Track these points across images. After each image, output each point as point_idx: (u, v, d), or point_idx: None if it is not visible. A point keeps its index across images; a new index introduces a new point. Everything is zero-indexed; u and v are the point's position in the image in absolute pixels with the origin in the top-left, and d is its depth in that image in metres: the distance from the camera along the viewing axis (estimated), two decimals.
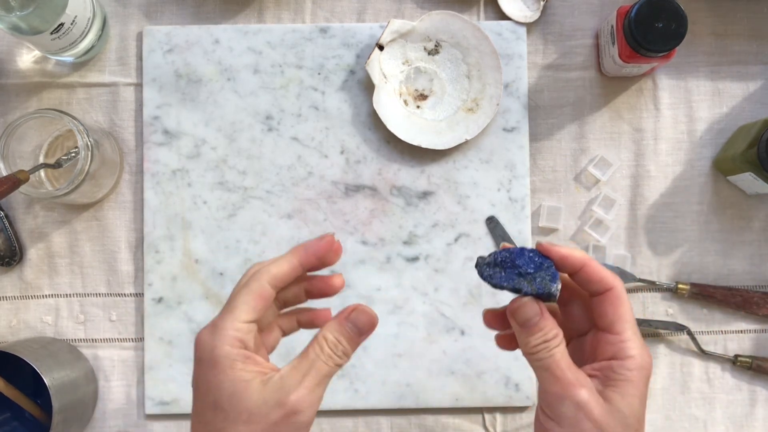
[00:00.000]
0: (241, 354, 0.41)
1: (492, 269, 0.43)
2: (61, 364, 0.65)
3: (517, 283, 0.42)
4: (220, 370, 0.41)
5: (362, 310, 0.43)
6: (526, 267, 0.42)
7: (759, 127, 0.63)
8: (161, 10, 0.71)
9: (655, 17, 0.61)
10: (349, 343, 0.43)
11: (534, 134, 0.70)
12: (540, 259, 0.43)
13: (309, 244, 0.45)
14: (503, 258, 0.43)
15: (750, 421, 0.68)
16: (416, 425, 0.68)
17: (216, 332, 0.42)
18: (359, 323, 0.43)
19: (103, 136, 0.67)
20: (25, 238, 0.70)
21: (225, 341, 0.41)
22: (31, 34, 0.62)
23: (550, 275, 0.42)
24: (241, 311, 0.42)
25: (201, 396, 0.42)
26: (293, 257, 0.44)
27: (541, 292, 0.42)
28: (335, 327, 0.43)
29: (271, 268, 0.43)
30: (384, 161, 0.69)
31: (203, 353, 0.42)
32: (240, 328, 0.42)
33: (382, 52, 0.69)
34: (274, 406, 0.40)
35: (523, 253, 0.43)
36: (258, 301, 0.43)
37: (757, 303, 0.68)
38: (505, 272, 0.42)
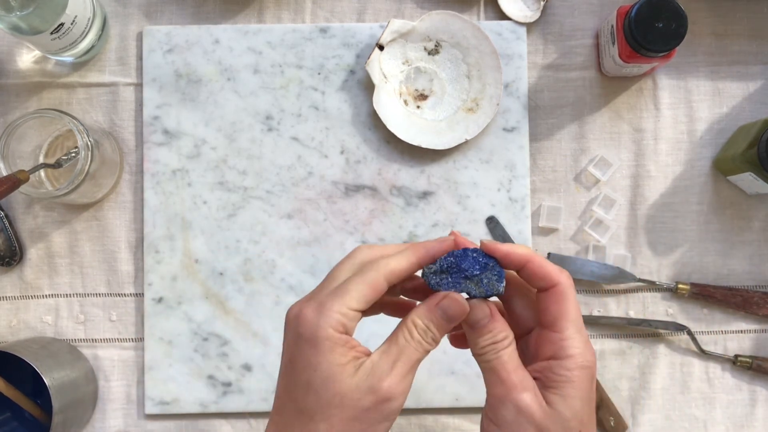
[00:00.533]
0: (342, 339, 0.41)
1: (439, 276, 0.43)
2: (61, 364, 0.65)
3: (465, 287, 0.42)
4: (320, 350, 0.40)
5: (453, 298, 0.42)
6: (472, 269, 0.42)
7: (759, 127, 0.63)
8: (161, 10, 0.71)
9: (655, 17, 0.61)
10: (439, 330, 0.42)
11: (534, 134, 0.70)
12: (485, 259, 0.43)
13: (430, 245, 0.44)
14: (449, 264, 0.43)
15: (750, 421, 0.68)
16: (416, 425, 0.68)
17: (323, 312, 0.41)
18: (450, 311, 0.42)
19: (103, 136, 0.67)
20: (25, 238, 0.70)
21: (330, 323, 0.40)
22: (31, 34, 0.62)
23: (496, 275, 0.43)
24: (353, 298, 0.41)
25: (295, 373, 0.41)
26: (413, 256, 0.43)
27: (489, 293, 0.43)
28: (425, 313, 0.42)
29: (391, 263, 0.43)
30: (384, 161, 0.69)
31: (306, 330, 0.41)
32: (347, 314, 0.41)
33: (382, 52, 0.69)
34: (367, 393, 0.40)
35: (467, 255, 0.43)
36: (372, 293, 0.42)
37: (757, 303, 0.68)
38: (452, 277, 0.43)
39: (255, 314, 0.68)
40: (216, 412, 0.68)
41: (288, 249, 0.69)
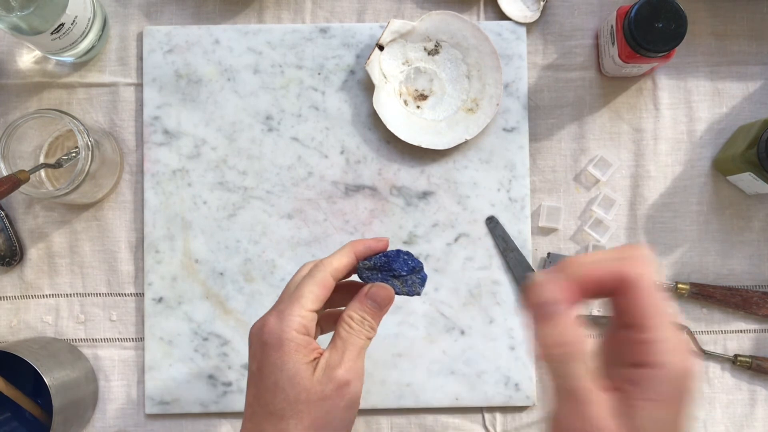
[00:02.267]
0: (304, 340, 0.45)
1: (370, 272, 0.49)
2: (62, 364, 0.65)
3: (392, 284, 0.48)
4: (285, 352, 0.45)
5: (379, 286, 0.48)
6: (400, 270, 0.48)
7: (759, 127, 0.63)
8: (161, 10, 0.71)
9: (655, 17, 0.61)
10: (373, 317, 0.47)
11: (534, 134, 0.70)
12: (413, 262, 0.48)
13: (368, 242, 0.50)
14: (382, 262, 0.48)
15: (750, 421, 0.68)
16: (416, 425, 0.68)
17: (283, 318, 0.45)
18: (378, 298, 0.47)
19: (103, 136, 0.67)
20: (26, 238, 0.70)
21: (292, 326, 0.45)
22: (31, 34, 0.62)
23: (419, 279, 0.49)
24: (307, 300, 0.46)
25: (263, 378, 0.45)
26: (351, 251, 0.49)
27: (411, 294, 0.48)
28: (357, 305, 0.47)
29: (334, 261, 0.48)
30: (384, 161, 0.69)
31: (270, 337, 0.45)
32: (305, 316, 0.46)
33: (382, 52, 0.69)
34: (326, 382, 0.44)
35: (399, 256, 0.48)
36: (322, 291, 0.47)
37: (756, 303, 0.68)
38: (381, 275, 0.48)
39: (255, 314, 0.68)
40: (216, 412, 0.68)
41: (288, 249, 0.69)
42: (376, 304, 0.47)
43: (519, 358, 0.68)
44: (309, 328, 0.46)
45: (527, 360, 0.68)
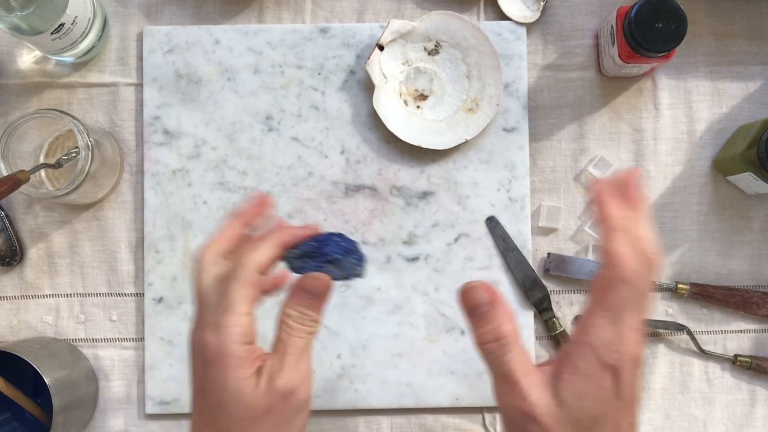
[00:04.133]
0: (246, 350, 0.42)
1: (301, 261, 0.44)
2: (62, 364, 0.65)
3: (327, 270, 0.44)
4: (226, 369, 0.41)
5: (312, 276, 0.44)
6: (334, 253, 0.44)
7: (759, 127, 0.63)
8: (161, 10, 0.71)
9: (655, 17, 0.61)
10: (313, 310, 0.43)
11: (534, 134, 0.70)
12: (347, 244, 0.44)
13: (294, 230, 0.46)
14: (311, 248, 0.44)
15: (750, 421, 0.68)
16: (416, 425, 0.68)
17: (220, 332, 0.41)
18: (313, 290, 0.43)
19: (103, 136, 0.67)
20: (26, 238, 0.70)
21: (231, 339, 0.41)
22: (31, 35, 0.62)
23: (356, 259, 0.44)
24: (240, 305, 0.42)
25: (207, 396, 0.42)
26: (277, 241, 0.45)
27: (350, 276, 0.44)
28: (293, 301, 0.43)
29: (258, 256, 0.44)
30: (384, 161, 0.69)
31: (210, 354, 0.42)
32: (243, 323, 0.42)
33: (382, 52, 0.69)
34: (269, 395, 0.41)
35: (330, 239, 0.44)
36: (252, 290, 0.43)
37: (756, 303, 0.68)
38: (314, 261, 0.44)
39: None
40: None
41: None
42: (312, 296, 0.43)
43: None
44: (249, 334, 0.42)
45: None
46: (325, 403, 0.68)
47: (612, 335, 0.38)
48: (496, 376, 0.40)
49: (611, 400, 0.38)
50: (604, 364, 0.38)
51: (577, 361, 0.38)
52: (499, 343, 0.40)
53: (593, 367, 0.38)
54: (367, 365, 0.68)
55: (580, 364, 0.38)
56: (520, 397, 0.39)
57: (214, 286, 0.44)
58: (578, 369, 0.38)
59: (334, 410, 0.68)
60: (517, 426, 0.39)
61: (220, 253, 0.45)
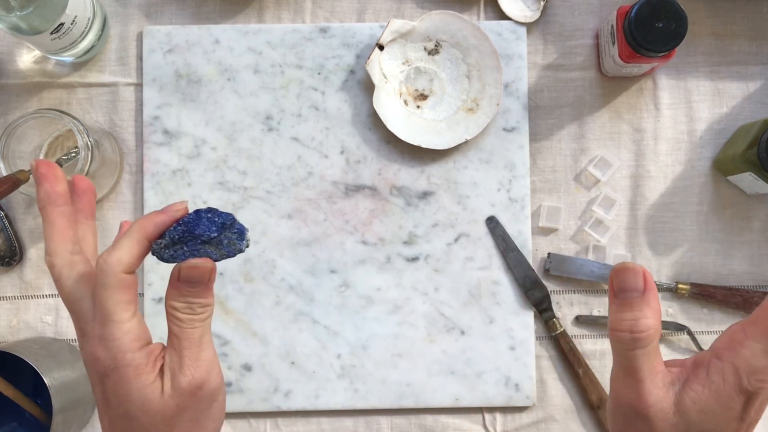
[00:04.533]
0: (142, 355, 0.39)
1: (172, 249, 0.39)
2: (61, 364, 0.64)
3: (205, 252, 0.39)
4: (126, 380, 0.39)
5: (188, 266, 0.39)
6: (208, 232, 0.39)
7: (759, 127, 0.63)
8: (161, 10, 0.71)
9: (655, 17, 0.61)
10: (200, 297, 0.40)
11: (534, 134, 0.70)
12: (221, 218, 0.39)
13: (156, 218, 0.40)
14: (180, 233, 0.39)
15: None
16: (416, 425, 0.68)
17: (109, 345, 0.38)
18: (193, 278, 0.39)
19: (103, 136, 0.67)
20: (25, 238, 0.70)
21: (123, 349, 0.39)
22: (31, 34, 0.62)
23: (236, 232, 0.40)
24: (119, 312, 0.39)
25: (112, 408, 0.40)
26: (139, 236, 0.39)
27: (232, 254, 0.40)
28: (175, 294, 0.40)
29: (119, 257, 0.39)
30: (384, 161, 0.69)
31: (105, 368, 0.39)
32: (130, 329, 0.39)
33: (382, 52, 0.69)
34: (177, 395, 0.39)
35: (200, 218, 0.39)
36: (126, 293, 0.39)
37: (756, 303, 0.68)
38: (188, 246, 0.39)
39: (255, 314, 0.68)
40: None
41: (288, 249, 0.69)
42: (193, 284, 0.39)
43: (519, 358, 0.68)
44: (141, 336, 0.39)
45: (527, 360, 0.68)
46: (325, 403, 0.68)
47: (763, 364, 0.37)
48: (620, 366, 0.39)
49: (733, 422, 0.37)
50: (743, 389, 0.37)
51: (713, 375, 0.37)
52: (633, 336, 0.37)
53: (730, 388, 0.37)
54: (367, 365, 0.68)
55: (716, 379, 0.37)
56: (637, 395, 0.38)
57: (80, 290, 0.40)
58: (713, 384, 0.37)
59: (334, 410, 0.68)
60: (625, 416, 0.38)
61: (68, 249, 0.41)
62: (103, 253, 0.39)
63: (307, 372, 0.68)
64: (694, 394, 0.37)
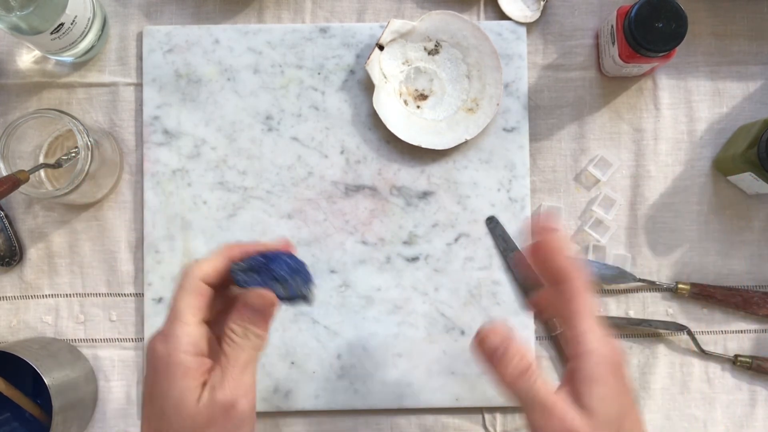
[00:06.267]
0: (196, 361, 0.42)
1: (247, 274, 0.44)
2: (61, 364, 0.65)
3: (273, 288, 0.44)
4: (172, 378, 0.42)
5: (256, 293, 0.44)
6: (280, 270, 0.44)
7: (759, 127, 0.63)
8: (161, 10, 0.71)
9: (655, 17, 0.61)
10: (257, 326, 0.44)
11: (534, 134, 0.70)
12: (295, 263, 0.44)
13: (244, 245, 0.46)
14: (258, 263, 0.44)
15: (750, 421, 0.68)
16: (416, 425, 0.68)
17: (169, 341, 0.42)
18: (256, 305, 0.43)
19: (103, 136, 0.67)
20: (25, 238, 0.70)
21: (180, 348, 0.42)
22: (31, 34, 0.62)
23: (303, 278, 0.44)
24: (187, 314, 0.43)
25: (152, 403, 0.43)
26: (225, 254, 0.45)
27: (296, 296, 0.44)
28: (237, 316, 0.44)
29: (203, 265, 0.45)
30: (384, 161, 0.69)
31: (158, 362, 0.42)
32: (192, 333, 0.43)
33: (382, 52, 0.69)
34: (210, 407, 0.42)
35: (278, 257, 0.44)
36: (197, 298, 0.44)
37: (757, 303, 0.68)
38: (260, 276, 0.44)
39: None
40: None
41: None
42: (255, 311, 0.43)
43: None
44: (199, 345, 0.43)
45: None
46: (325, 403, 0.68)
47: (601, 335, 0.42)
48: (532, 407, 0.41)
49: (625, 395, 0.42)
50: (609, 362, 0.41)
51: (587, 370, 0.41)
52: (528, 374, 0.41)
53: (604, 369, 0.41)
54: (367, 365, 0.68)
55: (592, 370, 0.41)
56: (560, 421, 0.40)
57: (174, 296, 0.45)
58: (592, 376, 0.41)
59: (334, 410, 0.68)
60: None
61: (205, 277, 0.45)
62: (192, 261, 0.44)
63: (307, 372, 0.68)
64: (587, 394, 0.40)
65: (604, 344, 0.41)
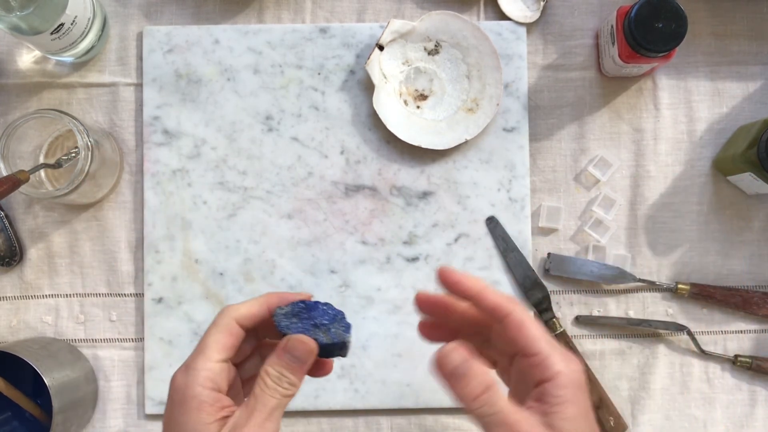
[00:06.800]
0: (211, 396, 0.42)
1: (288, 320, 0.45)
2: (61, 364, 0.65)
3: (314, 334, 0.44)
4: (187, 410, 0.42)
5: (297, 339, 0.44)
6: (321, 318, 0.45)
7: (759, 127, 0.63)
8: (161, 10, 0.71)
9: (655, 17, 0.61)
10: (293, 374, 0.43)
11: (534, 134, 0.70)
12: (334, 311, 0.46)
13: (284, 294, 0.47)
14: (300, 309, 0.45)
15: (750, 421, 0.68)
16: (416, 425, 0.68)
17: (189, 372, 0.42)
18: (296, 352, 0.43)
19: (103, 136, 0.67)
20: (25, 238, 0.70)
21: (197, 381, 0.42)
22: (31, 34, 0.62)
23: (343, 326, 0.46)
24: (212, 350, 0.43)
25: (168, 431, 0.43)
26: (264, 300, 0.46)
27: (336, 341, 0.45)
28: (274, 360, 0.43)
29: (241, 307, 0.45)
30: (384, 161, 0.69)
31: (176, 393, 0.42)
32: (212, 368, 0.43)
33: (382, 52, 0.69)
34: None
35: (318, 305, 0.45)
36: (228, 338, 0.44)
37: (756, 303, 0.68)
38: (302, 323, 0.45)
39: None
40: None
41: (288, 249, 0.69)
42: (294, 359, 0.43)
43: None
44: (218, 381, 0.43)
45: None
46: (325, 403, 0.68)
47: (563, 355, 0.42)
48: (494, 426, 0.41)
49: (589, 413, 0.42)
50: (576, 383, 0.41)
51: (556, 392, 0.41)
52: (490, 392, 0.41)
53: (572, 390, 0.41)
54: (367, 365, 0.68)
55: (560, 393, 0.41)
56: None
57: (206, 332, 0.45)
58: (561, 397, 0.41)
59: (334, 410, 0.68)
60: None
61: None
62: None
63: None
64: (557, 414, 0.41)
65: (568, 364, 0.42)
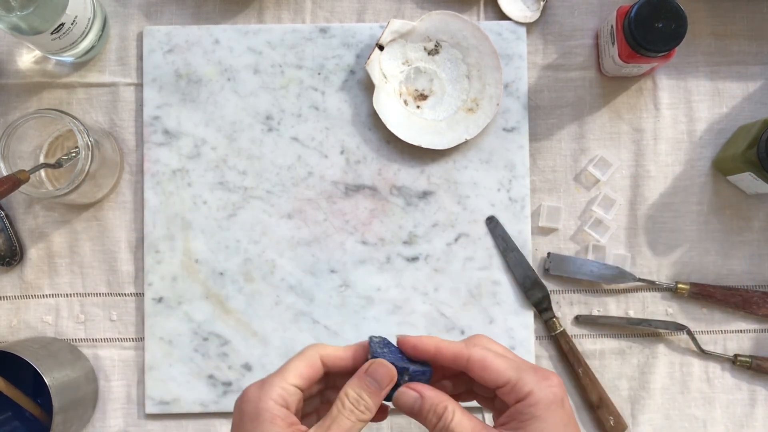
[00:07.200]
0: (283, 412, 0.43)
1: (382, 349, 0.46)
2: (62, 364, 0.65)
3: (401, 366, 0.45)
4: (260, 422, 0.42)
5: (380, 363, 0.45)
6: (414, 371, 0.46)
7: (759, 127, 0.63)
8: (161, 10, 0.71)
9: (655, 17, 0.61)
10: (371, 398, 0.44)
11: (534, 134, 0.70)
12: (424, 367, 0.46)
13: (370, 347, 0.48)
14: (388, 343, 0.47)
15: (750, 421, 0.68)
16: (416, 425, 0.68)
17: (264, 387, 0.43)
18: (377, 376, 0.44)
19: (103, 136, 0.67)
20: (26, 238, 0.70)
21: (271, 396, 0.43)
22: (31, 34, 0.62)
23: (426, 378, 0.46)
24: (291, 374, 0.44)
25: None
26: (351, 348, 0.47)
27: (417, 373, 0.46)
28: (356, 383, 0.44)
29: (328, 347, 0.46)
30: (384, 161, 0.69)
31: (248, 405, 0.43)
32: (287, 389, 0.44)
33: (382, 52, 0.69)
34: None
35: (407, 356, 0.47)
36: (309, 370, 0.45)
37: (756, 303, 0.68)
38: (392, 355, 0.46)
39: (255, 314, 0.68)
40: (216, 411, 0.68)
41: (288, 249, 0.69)
42: (375, 382, 0.44)
43: None
44: (289, 402, 0.44)
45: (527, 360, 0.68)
46: None
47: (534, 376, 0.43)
48: None
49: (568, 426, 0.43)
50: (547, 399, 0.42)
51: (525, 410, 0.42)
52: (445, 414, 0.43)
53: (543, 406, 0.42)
54: None
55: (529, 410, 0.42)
56: None
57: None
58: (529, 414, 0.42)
59: None
60: None
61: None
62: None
63: None
64: None
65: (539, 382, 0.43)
